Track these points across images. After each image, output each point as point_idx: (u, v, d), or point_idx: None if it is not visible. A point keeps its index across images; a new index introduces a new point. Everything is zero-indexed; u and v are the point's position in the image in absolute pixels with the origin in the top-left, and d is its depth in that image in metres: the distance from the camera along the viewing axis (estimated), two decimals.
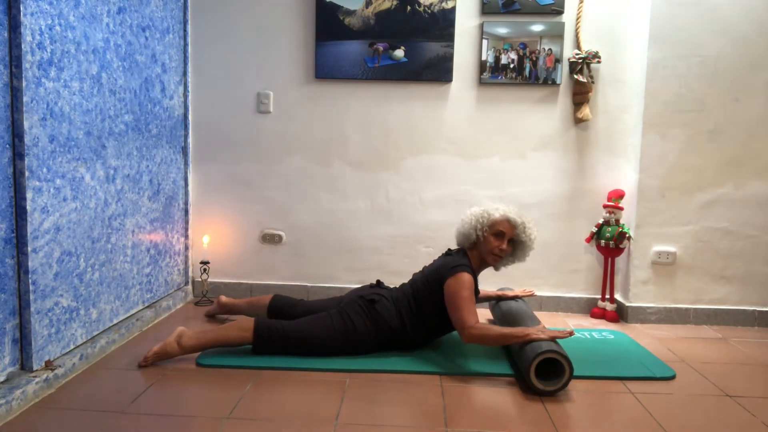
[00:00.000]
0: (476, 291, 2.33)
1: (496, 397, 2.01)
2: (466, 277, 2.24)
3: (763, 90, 2.85)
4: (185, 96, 3.07)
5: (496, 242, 2.36)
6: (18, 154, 1.85)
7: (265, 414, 1.83)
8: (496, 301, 2.73)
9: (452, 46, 3.02)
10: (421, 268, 2.53)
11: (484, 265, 2.44)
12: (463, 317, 2.17)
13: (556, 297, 3.12)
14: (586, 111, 2.99)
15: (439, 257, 2.48)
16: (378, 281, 2.53)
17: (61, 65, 2.01)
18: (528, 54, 3.00)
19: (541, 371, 2.04)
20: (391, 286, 2.53)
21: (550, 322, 2.92)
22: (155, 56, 2.73)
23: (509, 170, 3.09)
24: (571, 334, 2.08)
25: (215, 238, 3.20)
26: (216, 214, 3.20)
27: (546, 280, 3.13)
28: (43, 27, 1.91)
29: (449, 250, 2.50)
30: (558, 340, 2.12)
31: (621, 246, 2.94)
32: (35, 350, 1.94)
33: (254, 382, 2.06)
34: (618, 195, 2.97)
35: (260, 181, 3.17)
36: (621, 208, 2.96)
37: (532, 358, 1.99)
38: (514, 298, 2.68)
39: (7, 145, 1.82)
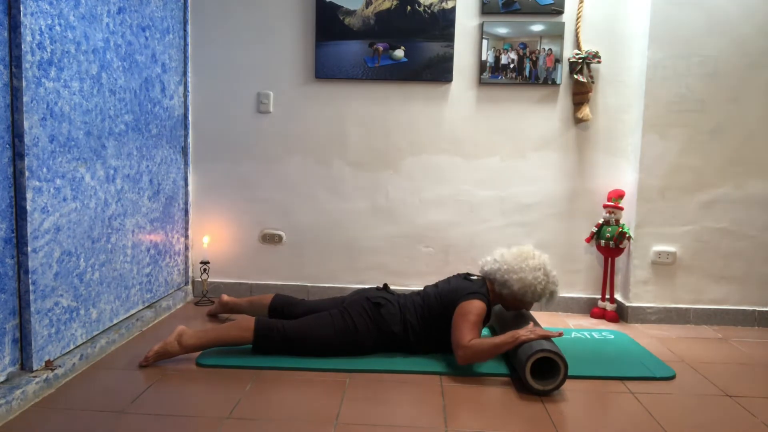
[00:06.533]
0: (487, 319, 2.32)
1: (496, 397, 2.01)
2: (479, 304, 2.23)
3: (763, 90, 2.85)
4: (185, 96, 3.07)
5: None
6: (18, 154, 1.85)
7: (265, 414, 1.83)
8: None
9: (452, 46, 3.02)
10: (434, 283, 2.51)
11: (500, 302, 2.42)
12: (459, 336, 2.15)
13: None
14: (586, 111, 2.98)
15: (456, 277, 2.45)
16: (385, 285, 2.52)
17: (61, 65, 2.01)
18: (528, 54, 3.00)
19: (538, 370, 2.04)
20: (396, 291, 2.50)
21: (550, 322, 2.92)
22: (155, 56, 2.73)
23: (509, 170, 3.09)
24: (560, 334, 2.09)
25: (215, 238, 3.20)
26: (216, 214, 3.20)
27: None
28: (43, 27, 1.91)
29: (468, 275, 2.44)
30: (555, 339, 2.12)
31: (621, 246, 2.93)
32: (35, 350, 1.94)
33: (254, 382, 2.06)
34: (618, 195, 2.97)
35: (260, 181, 3.17)
36: (621, 208, 2.96)
37: (526, 359, 2.00)
38: None
39: (7, 145, 1.82)
